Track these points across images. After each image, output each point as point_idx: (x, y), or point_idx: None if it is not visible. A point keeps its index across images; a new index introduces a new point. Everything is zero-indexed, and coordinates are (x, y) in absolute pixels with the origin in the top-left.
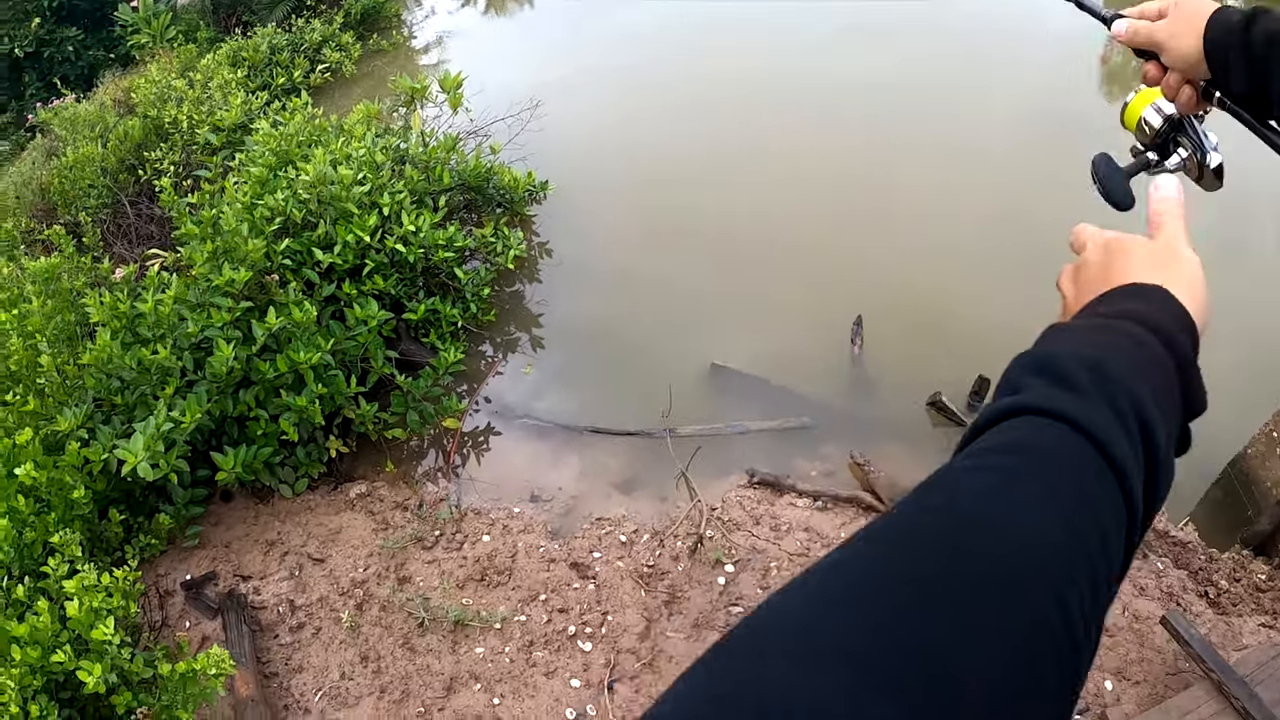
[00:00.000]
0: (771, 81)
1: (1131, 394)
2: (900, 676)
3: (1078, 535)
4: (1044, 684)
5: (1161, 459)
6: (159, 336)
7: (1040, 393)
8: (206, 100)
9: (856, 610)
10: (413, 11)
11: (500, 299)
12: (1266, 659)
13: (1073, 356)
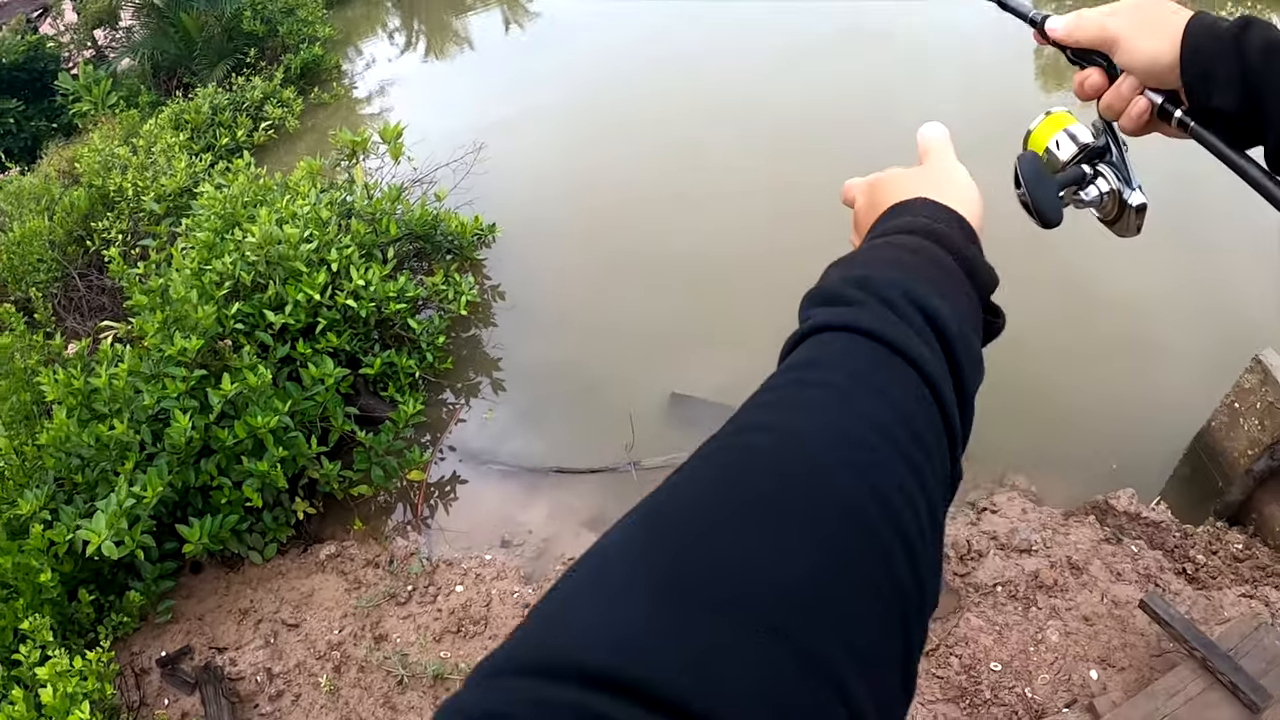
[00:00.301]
0: (717, 107)
1: (901, 287)
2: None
3: (870, 418)
4: (863, 567)
5: (953, 335)
6: (115, 411)
7: (817, 317)
8: (151, 166)
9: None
10: (353, 62)
11: (457, 346)
12: (1249, 630)
13: (840, 279)
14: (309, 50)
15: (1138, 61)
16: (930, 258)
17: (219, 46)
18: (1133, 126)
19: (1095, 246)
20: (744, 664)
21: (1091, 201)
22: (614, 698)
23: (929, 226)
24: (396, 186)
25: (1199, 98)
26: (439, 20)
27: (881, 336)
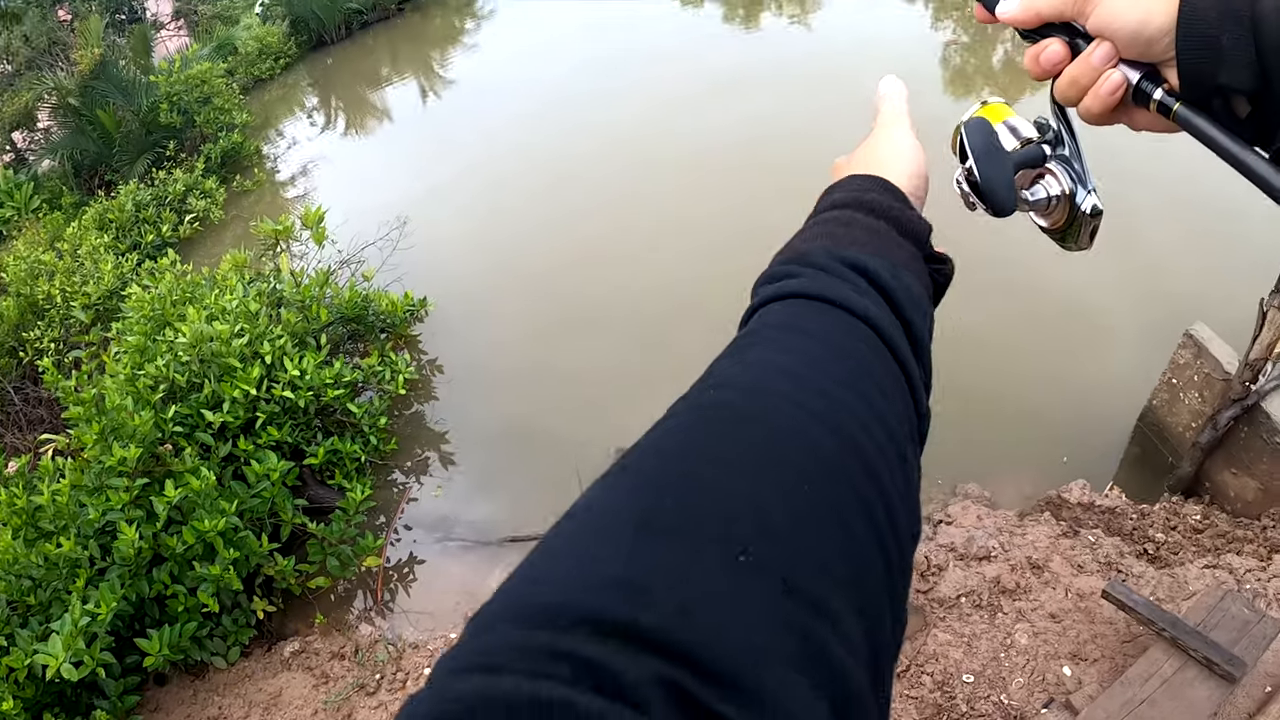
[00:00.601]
0: (635, 156)
1: (832, 254)
2: (679, 523)
3: (820, 363)
4: (833, 496)
5: (887, 282)
6: (61, 528)
7: (760, 294)
8: (78, 270)
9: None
10: (274, 144)
11: (400, 425)
12: (1215, 601)
13: (779, 262)
14: (228, 138)
15: (1120, 23)
16: (857, 224)
17: (138, 141)
18: (1099, 109)
19: (1015, 237)
20: (727, 597)
21: (1036, 204)
22: (603, 640)
23: (855, 198)
24: (324, 271)
25: (1198, 73)
26: (355, 95)
27: (821, 295)
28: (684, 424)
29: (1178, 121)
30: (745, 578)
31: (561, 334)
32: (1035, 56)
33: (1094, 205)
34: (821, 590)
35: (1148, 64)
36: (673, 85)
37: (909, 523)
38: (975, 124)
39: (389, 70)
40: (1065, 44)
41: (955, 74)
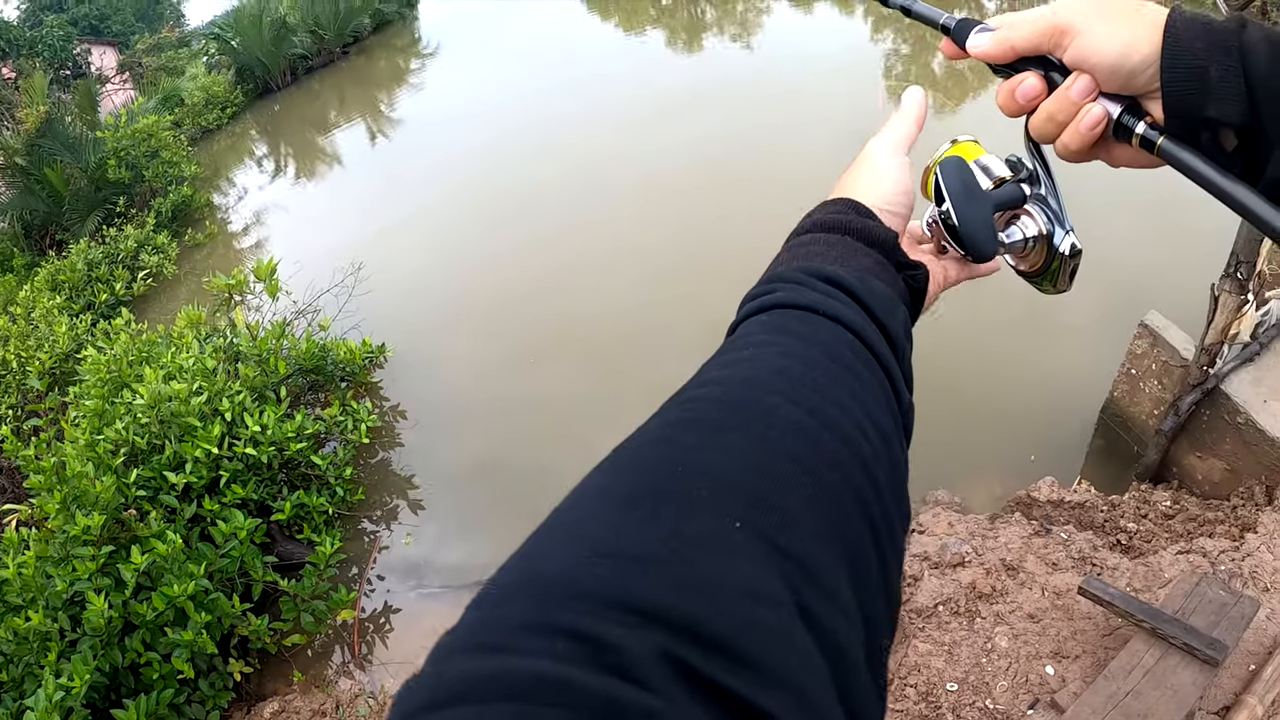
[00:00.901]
0: (586, 183)
1: (803, 269)
2: (671, 497)
3: (801, 359)
4: (822, 474)
5: (855, 287)
6: (29, 601)
7: (741, 311)
8: (32, 333)
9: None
10: (225, 195)
11: (367, 473)
12: (1191, 587)
13: (756, 285)
14: (177, 191)
15: (1101, 55)
16: (822, 243)
17: (88, 198)
18: (1079, 145)
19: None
20: (724, 567)
21: (1013, 246)
22: (601, 615)
23: (819, 221)
24: (280, 322)
25: (1184, 106)
26: (304, 141)
27: (800, 305)
28: (677, 416)
29: (1162, 156)
30: (740, 547)
31: (523, 367)
32: (1010, 92)
33: (1073, 245)
34: (816, 562)
35: (1129, 97)
36: (620, 110)
37: (898, 507)
38: (951, 164)
39: (336, 114)
40: (1041, 78)
41: (899, 82)
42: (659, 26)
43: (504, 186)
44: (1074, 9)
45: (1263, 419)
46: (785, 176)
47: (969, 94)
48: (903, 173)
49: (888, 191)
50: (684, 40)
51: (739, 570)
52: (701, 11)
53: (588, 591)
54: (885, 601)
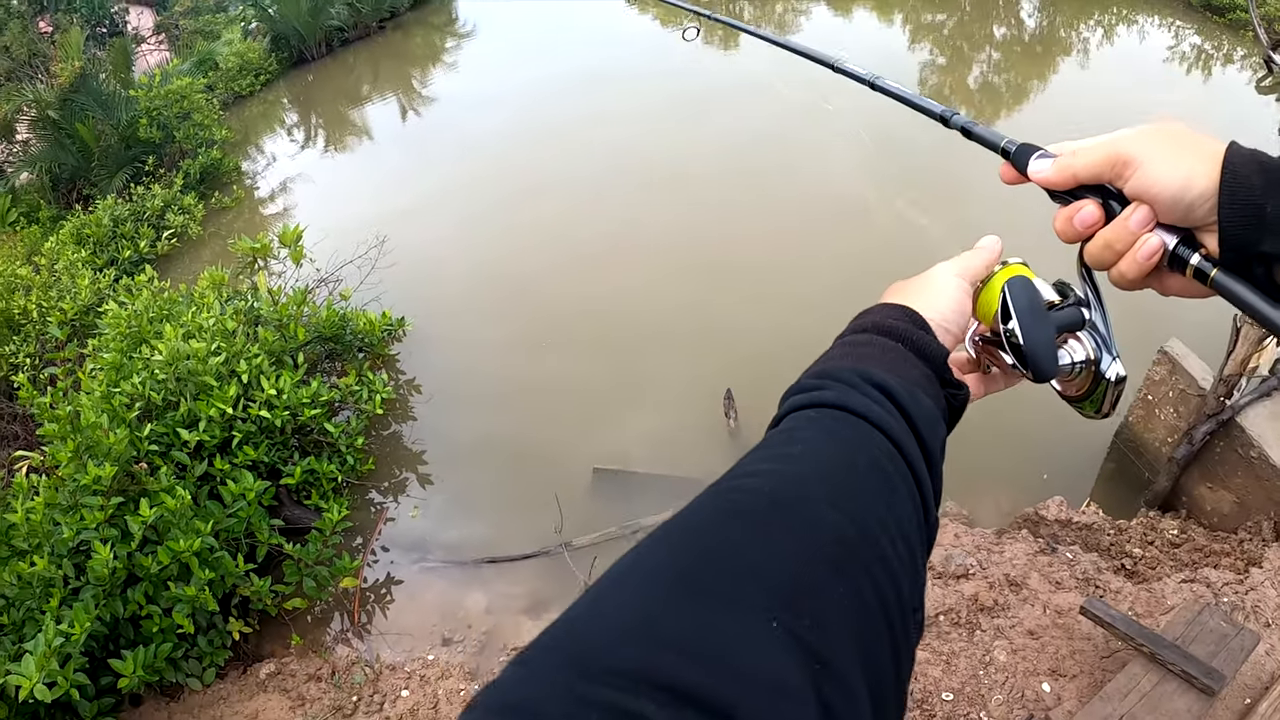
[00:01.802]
0: (614, 173)
1: (854, 370)
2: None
3: (842, 462)
4: (849, 576)
5: (902, 398)
6: (35, 546)
7: (787, 404)
8: (55, 285)
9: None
10: (253, 161)
11: (378, 445)
12: (1192, 616)
13: (806, 376)
14: (207, 154)
15: (1162, 188)
16: (878, 346)
17: (117, 155)
18: (1135, 273)
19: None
20: (761, 663)
21: (1061, 369)
22: (638, 694)
23: (877, 323)
24: (302, 290)
25: (1241, 241)
26: (336, 113)
27: (843, 405)
28: (727, 504)
29: (1215, 288)
30: (773, 643)
31: (538, 352)
32: (1069, 218)
33: (1119, 373)
34: (840, 663)
35: (1185, 228)
36: (651, 103)
37: (915, 615)
38: (1019, 282)
39: (369, 88)
40: (1100, 205)
41: (932, 94)
42: (697, 22)
43: (530, 170)
44: (1135, 141)
45: (1276, 454)
46: (809, 186)
47: (1001, 111)
48: (964, 296)
49: (946, 309)
50: (720, 37)
51: (770, 664)
52: (740, 10)
53: (627, 669)
54: (896, 702)
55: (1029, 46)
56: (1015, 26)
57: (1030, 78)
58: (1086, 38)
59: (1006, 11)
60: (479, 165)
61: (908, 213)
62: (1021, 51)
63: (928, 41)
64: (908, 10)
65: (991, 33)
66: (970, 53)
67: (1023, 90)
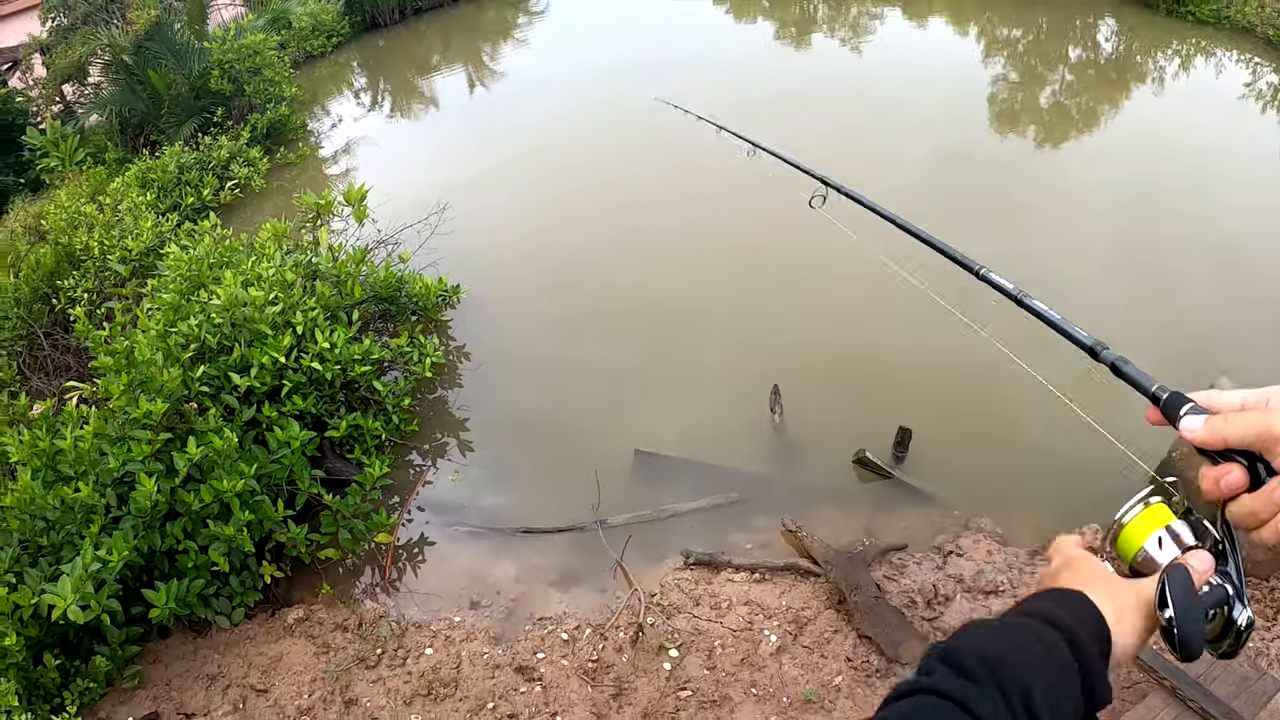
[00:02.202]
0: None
1: (1021, 687)
2: None
3: None
4: None
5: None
6: (81, 474)
7: (940, 677)
8: (117, 224)
9: None
10: (319, 121)
11: (423, 407)
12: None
13: (975, 651)
14: (275, 110)
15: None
16: (1063, 666)
17: (186, 105)
18: (1275, 540)
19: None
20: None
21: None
22: None
23: (1072, 631)
24: (361, 248)
25: None
26: (404, 80)
27: None
28: None
29: None
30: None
31: (586, 332)
32: (1215, 480)
33: (1249, 619)
34: None
35: None
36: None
37: None
38: (1179, 575)
39: (439, 58)
40: (1246, 472)
41: (1002, 109)
42: (770, 18)
43: (589, 153)
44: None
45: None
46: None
47: (1071, 134)
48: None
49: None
50: (793, 35)
51: None
52: (814, 9)
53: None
54: None
55: (1103, 70)
56: (1091, 49)
57: (1102, 102)
58: (1163, 66)
59: (1084, 34)
60: (540, 144)
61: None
62: (1095, 75)
63: (1001, 56)
64: (983, 23)
65: (1066, 53)
66: (1043, 72)
67: (1093, 114)
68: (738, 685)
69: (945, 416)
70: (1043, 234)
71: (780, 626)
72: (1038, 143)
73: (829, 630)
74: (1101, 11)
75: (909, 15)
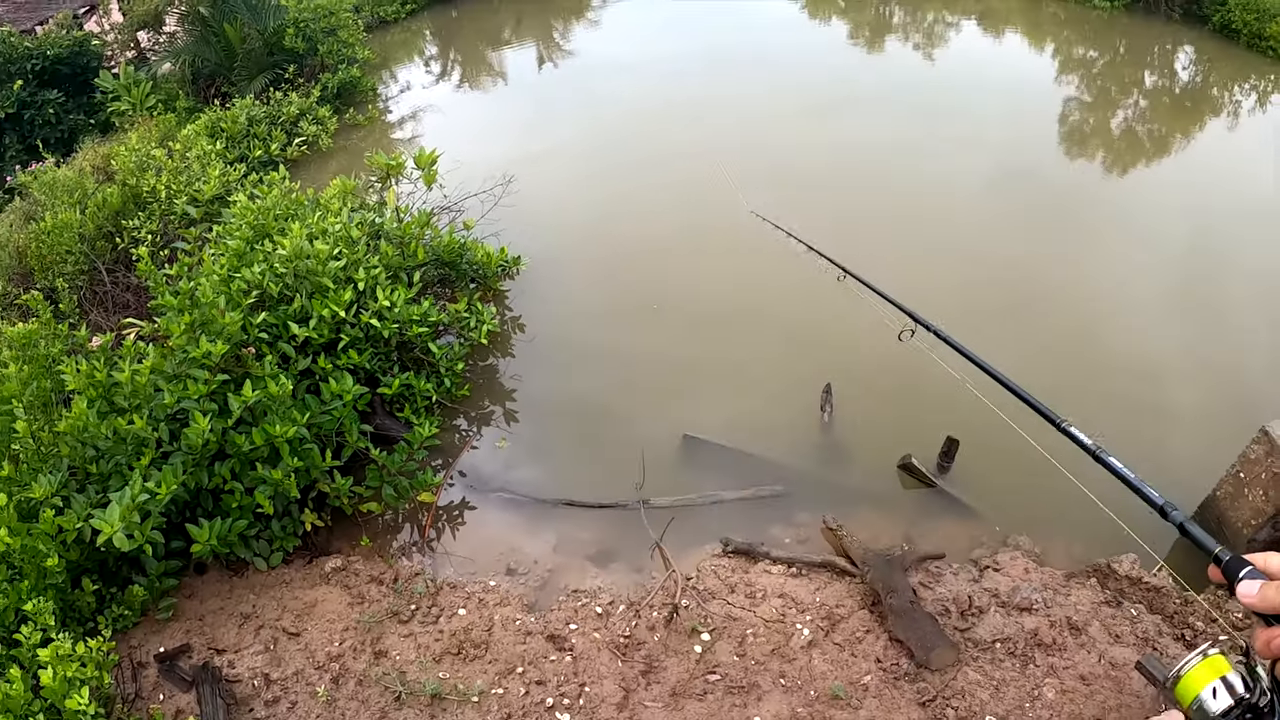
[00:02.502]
0: (738, 155)
1: None
2: None
3: None
4: None
5: None
6: (135, 407)
7: None
8: (185, 171)
9: None
10: (388, 86)
11: (474, 373)
12: None
13: None
14: (347, 71)
15: None
16: None
17: (259, 59)
18: None
19: (1111, 308)
20: None
21: None
22: None
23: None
24: (426, 212)
25: None
26: (475, 52)
27: None
28: None
29: None
30: None
31: (640, 317)
32: (1267, 642)
33: None
34: None
35: None
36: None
37: None
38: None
39: (510, 33)
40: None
41: (1072, 131)
42: (844, 18)
43: (653, 140)
44: None
45: None
46: (929, 201)
47: (1140, 161)
48: None
49: None
50: (866, 37)
51: None
52: (890, 12)
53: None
54: None
55: (1178, 99)
56: (1167, 77)
57: (1174, 131)
58: (1239, 101)
59: (1161, 60)
60: (604, 125)
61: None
62: (1170, 104)
63: (1075, 76)
64: (1060, 41)
65: (1142, 79)
66: (1118, 96)
67: (1165, 143)
68: (766, 674)
69: (993, 432)
70: (1109, 260)
71: (813, 621)
72: (1106, 168)
73: (861, 630)
74: (1181, 40)
75: (984, 26)
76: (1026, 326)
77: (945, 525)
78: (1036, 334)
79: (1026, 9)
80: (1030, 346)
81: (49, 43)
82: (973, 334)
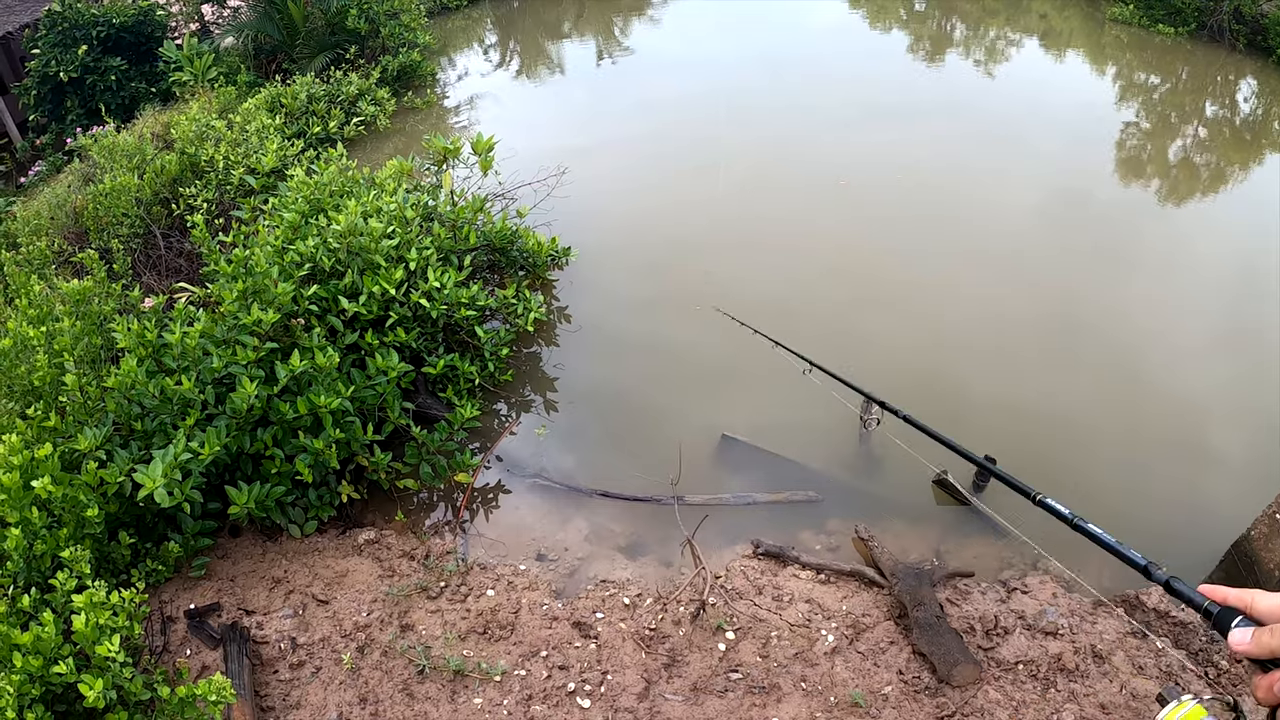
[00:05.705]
0: (791, 159)
1: None
2: None
3: None
4: None
5: None
6: (183, 368)
7: None
8: (243, 143)
9: None
10: (447, 71)
11: (518, 360)
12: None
13: None
14: (407, 54)
15: None
16: None
17: (321, 38)
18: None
19: (1154, 343)
20: None
21: None
22: None
23: None
24: (480, 197)
25: None
26: (534, 43)
27: None
28: None
29: None
30: None
31: (683, 317)
32: (1268, 686)
33: None
34: None
35: None
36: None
37: None
38: None
39: (570, 26)
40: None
41: (1128, 157)
42: (905, 29)
43: (704, 140)
44: None
45: None
46: (974, 220)
47: (1196, 193)
48: None
49: None
50: (926, 50)
51: None
52: (951, 26)
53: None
54: None
55: (1238, 131)
56: (1228, 107)
57: (1232, 163)
58: None
59: (1223, 90)
60: (658, 123)
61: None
62: (1230, 135)
63: (1136, 101)
64: (1122, 65)
65: (1203, 108)
66: (1177, 123)
67: (1221, 175)
68: (788, 677)
69: (1031, 457)
70: (1152, 292)
71: (838, 628)
72: (1159, 199)
73: (885, 640)
74: (1244, 70)
75: (1046, 46)
76: (1068, 354)
77: (976, 544)
78: (1076, 366)
79: (1090, 30)
80: (1074, 370)
81: (115, 11)
82: (1015, 374)
